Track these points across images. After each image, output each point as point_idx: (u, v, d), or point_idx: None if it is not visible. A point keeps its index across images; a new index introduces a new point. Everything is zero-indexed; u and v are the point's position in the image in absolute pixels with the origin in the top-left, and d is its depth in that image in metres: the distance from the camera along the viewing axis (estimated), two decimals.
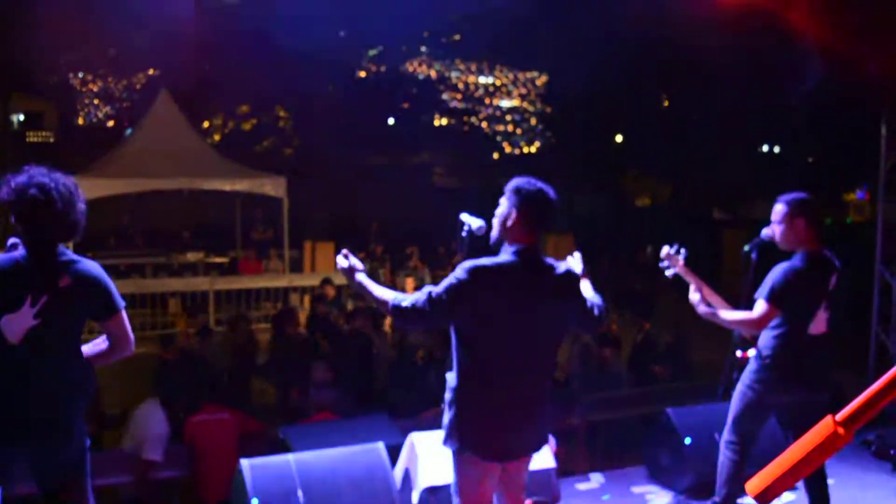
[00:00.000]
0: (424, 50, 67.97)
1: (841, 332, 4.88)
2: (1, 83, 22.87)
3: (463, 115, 73.19)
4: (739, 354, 5.05)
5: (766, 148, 33.51)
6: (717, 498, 4.99)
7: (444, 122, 70.28)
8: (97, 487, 3.95)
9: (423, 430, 5.55)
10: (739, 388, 4.86)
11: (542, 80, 69.69)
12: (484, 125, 73.74)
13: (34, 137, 37.69)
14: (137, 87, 59.52)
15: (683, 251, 4.80)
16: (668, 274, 4.86)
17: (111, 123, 59.04)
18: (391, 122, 57.74)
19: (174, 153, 15.53)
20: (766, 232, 4.87)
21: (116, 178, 14.90)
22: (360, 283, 3.84)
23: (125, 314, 3.72)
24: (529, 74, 74.06)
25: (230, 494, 5.19)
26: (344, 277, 3.94)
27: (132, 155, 15.72)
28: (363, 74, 54.78)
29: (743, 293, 4.79)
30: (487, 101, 75.23)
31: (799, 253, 4.70)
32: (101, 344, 3.77)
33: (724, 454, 4.92)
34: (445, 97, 72.22)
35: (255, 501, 4.80)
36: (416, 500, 5.27)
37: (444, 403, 3.77)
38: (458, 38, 64.03)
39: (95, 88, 64.10)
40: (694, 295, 4.80)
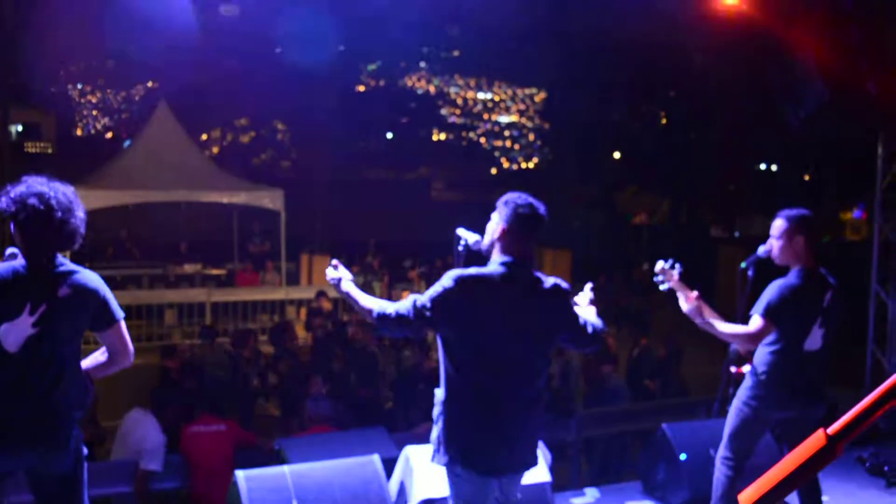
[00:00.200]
0: (423, 65, 68.10)
1: (837, 349, 4.91)
2: None
3: (461, 130, 73.37)
4: (734, 370, 5.06)
5: (763, 166, 33.58)
6: None
7: (442, 137, 70.42)
8: (93, 498, 3.96)
9: (418, 443, 5.55)
10: (735, 403, 4.87)
11: (540, 96, 69.78)
12: (482, 140, 73.91)
13: (32, 148, 37.67)
14: (136, 98, 59.64)
15: (678, 266, 4.81)
16: (662, 288, 4.87)
17: (110, 135, 59.07)
18: (390, 136, 57.82)
19: (172, 165, 15.57)
20: (763, 249, 4.89)
21: (114, 189, 14.93)
22: (346, 292, 3.87)
23: (124, 325, 3.72)
24: (528, 91, 74.26)
25: None
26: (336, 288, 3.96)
27: (130, 166, 15.76)
28: (362, 89, 54.86)
29: (739, 310, 4.81)
30: (486, 116, 75.46)
31: (795, 269, 4.73)
32: (100, 356, 3.76)
33: (719, 470, 4.93)
34: (444, 112, 72.39)
35: None
36: None
37: (433, 418, 3.74)
38: (457, 53, 64.16)
39: (94, 100, 64.20)
40: (687, 304, 4.76)
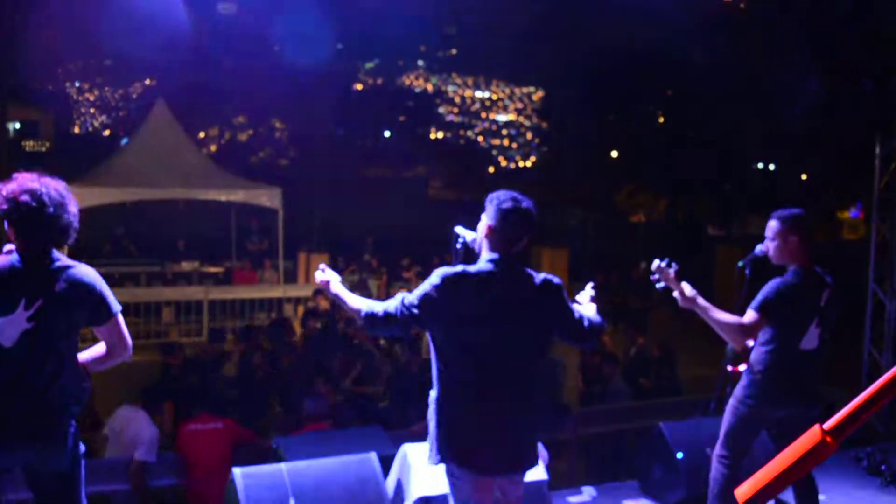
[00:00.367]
0: (421, 64, 68.19)
1: (834, 348, 4.92)
2: None
3: (459, 128, 73.48)
4: (731, 368, 5.06)
5: (760, 165, 33.65)
6: None
7: (440, 135, 70.48)
8: (91, 495, 3.95)
9: (415, 441, 5.56)
10: (731, 402, 4.88)
11: (538, 95, 69.90)
12: (480, 139, 74.01)
13: (30, 146, 37.65)
14: (134, 96, 59.64)
15: (675, 265, 4.82)
16: (658, 287, 4.87)
17: (107, 133, 59.09)
18: (387, 134, 57.85)
19: (170, 163, 15.56)
20: (760, 248, 4.90)
21: (112, 186, 14.93)
22: (335, 294, 3.90)
23: (121, 318, 3.72)
24: (526, 89, 74.39)
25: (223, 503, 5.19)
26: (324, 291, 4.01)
27: (128, 164, 15.76)
28: (360, 87, 54.89)
29: (736, 309, 4.82)
30: (484, 115, 75.60)
31: (791, 268, 4.75)
32: (98, 349, 3.76)
33: (715, 468, 4.93)
34: (442, 111, 72.48)
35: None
36: None
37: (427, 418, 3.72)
38: (454, 52, 64.29)
39: (92, 98, 64.19)
40: (683, 298, 4.72)
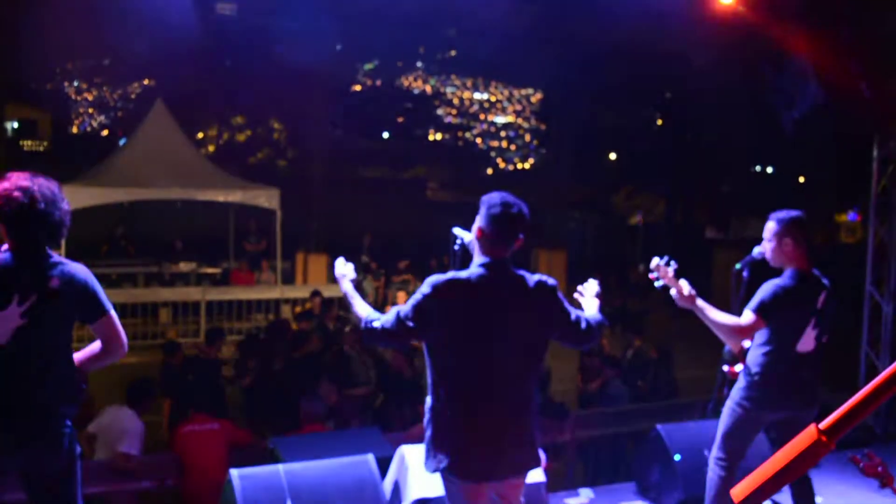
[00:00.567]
0: (420, 65, 68.18)
1: (831, 351, 4.92)
2: None
3: (457, 130, 73.47)
4: (727, 370, 5.06)
5: (758, 168, 33.68)
6: None
7: (438, 137, 70.52)
8: (87, 496, 3.94)
9: (413, 443, 5.55)
10: (728, 404, 4.87)
11: (536, 96, 69.92)
12: (478, 141, 74.01)
13: (28, 146, 37.69)
14: (132, 96, 59.64)
15: (674, 263, 4.81)
16: (657, 285, 4.86)
17: (105, 132, 59.12)
18: (386, 136, 57.92)
19: (168, 163, 15.54)
20: (757, 250, 4.91)
21: (110, 186, 14.90)
22: (345, 292, 3.94)
23: (115, 316, 3.71)
24: (524, 91, 74.39)
25: None
26: (338, 282, 4.09)
27: (126, 164, 15.73)
28: (358, 88, 54.91)
29: (733, 311, 4.82)
30: (482, 116, 75.59)
31: (788, 270, 4.75)
32: (93, 347, 3.76)
33: (712, 471, 4.93)
34: (440, 112, 72.50)
35: None
36: None
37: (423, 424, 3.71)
38: (453, 53, 64.26)
39: (90, 97, 64.19)
40: (681, 297, 4.72)
